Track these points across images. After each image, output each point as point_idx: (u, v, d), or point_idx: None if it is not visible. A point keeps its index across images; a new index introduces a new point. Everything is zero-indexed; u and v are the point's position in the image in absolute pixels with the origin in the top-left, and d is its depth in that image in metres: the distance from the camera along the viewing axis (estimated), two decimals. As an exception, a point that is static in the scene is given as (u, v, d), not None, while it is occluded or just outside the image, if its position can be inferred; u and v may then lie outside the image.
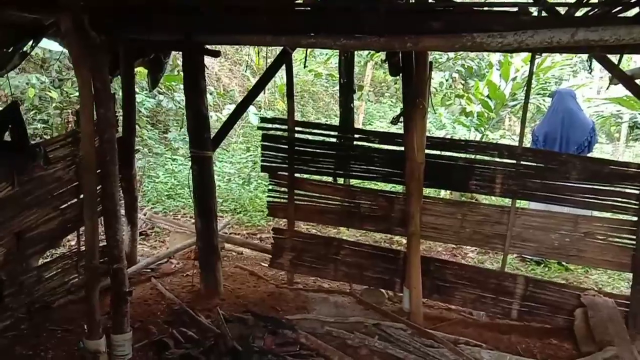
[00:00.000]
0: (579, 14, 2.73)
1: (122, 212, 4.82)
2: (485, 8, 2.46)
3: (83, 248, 3.77)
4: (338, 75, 4.83)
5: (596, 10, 2.50)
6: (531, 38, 2.26)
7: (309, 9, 2.72)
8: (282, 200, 4.54)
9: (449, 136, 8.34)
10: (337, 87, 4.99)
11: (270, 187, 4.60)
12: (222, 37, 3.04)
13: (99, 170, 3.26)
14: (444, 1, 2.46)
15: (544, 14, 3.49)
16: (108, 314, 3.42)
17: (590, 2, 2.44)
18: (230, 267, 5.10)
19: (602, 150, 11.16)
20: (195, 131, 4.19)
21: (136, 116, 8.24)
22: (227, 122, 4.46)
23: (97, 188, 3.27)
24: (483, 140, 7.90)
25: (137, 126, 8.22)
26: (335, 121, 4.68)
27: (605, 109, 9.68)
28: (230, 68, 11.49)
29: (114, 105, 4.33)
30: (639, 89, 3.61)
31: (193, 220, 4.57)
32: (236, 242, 5.52)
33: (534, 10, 2.46)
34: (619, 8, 2.36)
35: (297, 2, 2.71)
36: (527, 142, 6.07)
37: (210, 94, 9.44)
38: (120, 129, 4.51)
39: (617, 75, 3.56)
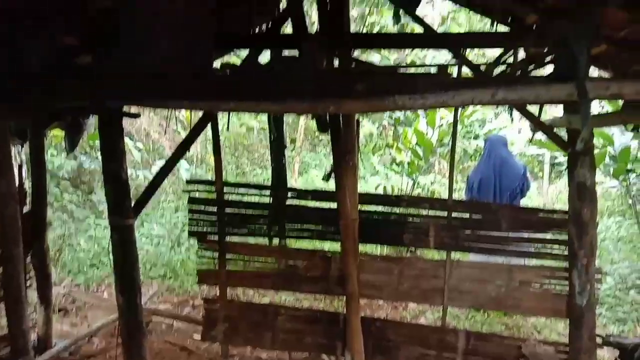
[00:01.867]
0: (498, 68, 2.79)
1: (34, 289, 4.40)
2: (407, 71, 2.45)
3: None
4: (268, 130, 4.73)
5: (515, 69, 2.55)
6: (452, 99, 2.25)
7: (228, 73, 2.61)
8: (212, 267, 4.28)
9: (383, 182, 8.42)
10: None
11: (199, 252, 4.33)
12: (136, 102, 2.85)
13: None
14: (365, 64, 2.44)
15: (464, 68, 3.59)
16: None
17: (507, 61, 2.49)
18: (159, 342, 4.70)
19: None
20: (115, 198, 3.87)
21: (56, 180, 7.82)
22: (151, 185, 4.17)
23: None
24: (415, 186, 8.05)
25: (57, 190, 7.75)
26: (270, 172, 4.55)
27: (528, 149, 10.19)
28: (160, 122, 11.18)
29: (20, 176, 3.99)
30: (559, 137, 3.73)
31: (116, 294, 4.19)
32: (164, 314, 5.14)
33: (453, 70, 2.47)
34: (535, 66, 2.43)
35: (215, 67, 2.58)
36: (462, 190, 6.17)
37: (139, 150, 9.07)
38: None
39: (537, 125, 3.67)
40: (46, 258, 4.34)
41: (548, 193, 11.25)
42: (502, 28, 3.95)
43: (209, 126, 4.20)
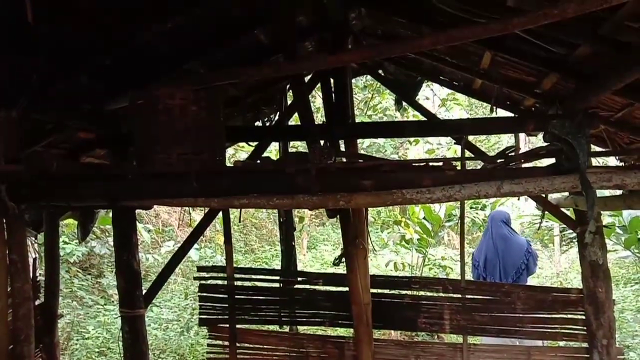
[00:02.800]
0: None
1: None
2: (413, 164, 2.54)
3: None
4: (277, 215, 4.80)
5: (518, 160, 2.64)
6: (458, 193, 2.32)
7: (239, 172, 2.71)
8: (223, 355, 4.20)
9: (392, 259, 8.35)
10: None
11: (209, 341, 4.27)
12: (150, 202, 2.94)
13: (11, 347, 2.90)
14: (372, 160, 2.55)
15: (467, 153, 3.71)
16: None
17: (509, 154, 2.59)
18: None
19: (540, 259, 11.51)
20: (126, 288, 3.90)
21: (66, 267, 7.82)
22: (161, 275, 4.20)
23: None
24: (425, 261, 7.98)
25: (66, 275, 7.74)
26: (279, 248, 4.56)
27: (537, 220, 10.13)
28: (179, 224, 11.30)
29: (35, 270, 4.03)
30: (567, 216, 3.77)
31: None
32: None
33: (457, 164, 2.56)
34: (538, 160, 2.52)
35: (227, 166, 2.69)
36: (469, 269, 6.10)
37: (148, 231, 9.13)
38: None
39: (544, 205, 3.72)
40: (56, 352, 4.27)
41: (560, 262, 11.10)
42: (502, 111, 4.11)
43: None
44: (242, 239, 12.07)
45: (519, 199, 4.82)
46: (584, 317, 3.71)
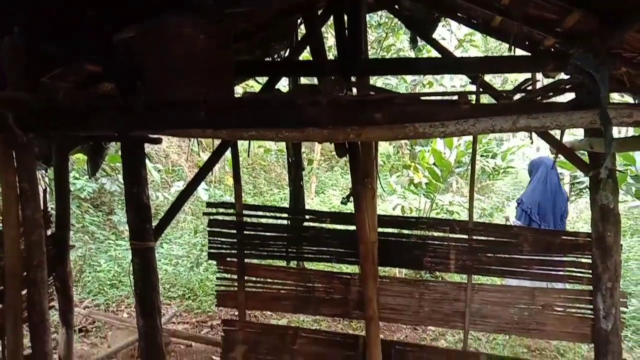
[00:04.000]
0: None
1: (56, 309, 4.46)
2: (426, 98, 2.46)
3: None
4: (286, 154, 4.77)
5: (535, 95, 2.55)
6: (473, 127, 2.26)
7: (248, 103, 2.65)
8: (232, 289, 4.29)
9: (400, 203, 8.37)
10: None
11: (218, 274, 4.36)
12: (160, 132, 2.91)
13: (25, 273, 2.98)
14: (385, 91, 2.47)
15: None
16: None
17: (528, 88, 2.49)
18: (179, 364, 4.72)
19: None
20: (136, 222, 3.93)
21: (77, 202, 7.94)
22: (171, 209, 4.23)
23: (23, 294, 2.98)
24: (433, 207, 7.99)
25: (78, 211, 7.87)
26: (288, 193, 4.57)
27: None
28: (179, 144, 11.34)
29: (45, 200, 4.07)
30: (581, 160, 3.70)
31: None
32: (183, 335, 5.14)
33: (473, 97, 2.47)
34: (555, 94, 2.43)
35: (236, 97, 2.63)
36: (508, 209, 6.18)
37: (158, 171, 9.19)
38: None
39: (559, 149, 3.65)
40: (69, 280, 4.40)
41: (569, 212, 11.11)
42: (520, 51, 3.96)
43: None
44: (250, 182, 12.14)
45: (532, 142, 4.72)
46: (590, 261, 3.71)
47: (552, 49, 3.73)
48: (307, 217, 4.33)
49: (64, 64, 3.30)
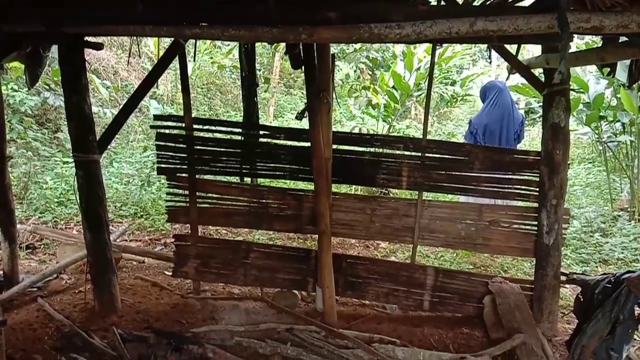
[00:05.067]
0: (476, 3, 2.68)
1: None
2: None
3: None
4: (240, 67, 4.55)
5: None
6: (430, 29, 2.16)
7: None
8: (183, 204, 4.21)
9: (358, 127, 8.34)
10: (242, 80, 4.73)
11: (169, 190, 4.25)
12: (93, 29, 2.67)
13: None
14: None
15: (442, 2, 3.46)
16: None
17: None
18: (130, 278, 4.68)
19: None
20: (78, 133, 3.74)
21: (19, 116, 7.50)
22: (116, 120, 4.02)
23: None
24: (390, 130, 7.99)
25: (20, 127, 7.45)
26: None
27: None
28: (128, 60, 10.74)
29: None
30: (536, 78, 3.69)
31: (84, 231, 4.11)
32: (134, 251, 5.09)
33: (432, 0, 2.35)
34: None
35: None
36: (460, 135, 6.21)
37: (107, 88, 8.75)
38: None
39: (515, 65, 3.61)
40: (8, 193, 4.20)
41: (521, 139, 11.38)
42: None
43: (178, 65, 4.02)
44: (206, 103, 11.78)
45: (490, 61, 4.66)
46: (537, 179, 3.81)
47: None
48: (261, 132, 4.21)
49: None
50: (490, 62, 11.40)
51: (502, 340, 3.56)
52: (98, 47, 3.80)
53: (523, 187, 3.88)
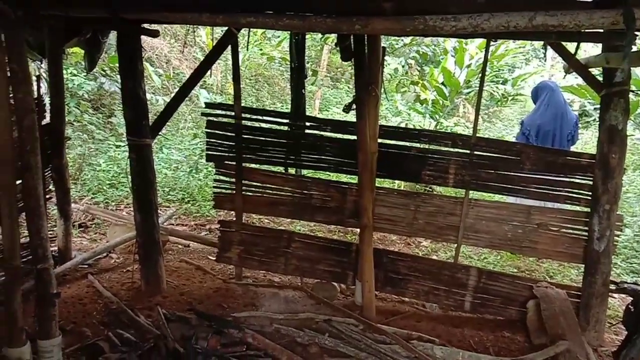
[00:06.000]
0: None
1: (54, 204, 4.49)
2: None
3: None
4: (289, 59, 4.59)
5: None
6: (486, 22, 2.10)
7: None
8: (229, 192, 4.29)
9: (404, 123, 8.25)
10: (291, 72, 4.77)
11: (216, 176, 4.34)
12: (151, 15, 2.74)
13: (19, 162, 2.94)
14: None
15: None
16: (36, 316, 3.11)
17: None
18: (175, 261, 4.83)
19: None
20: (133, 117, 3.88)
21: (76, 100, 7.82)
22: (168, 107, 4.15)
23: (18, 181, 2.96)
24: (437, 128, 7.86)
25: (77, 110, 7.77)
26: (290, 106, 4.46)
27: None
28: (181, 50, 11.01)
29: (39, 89, 3.97)
30: (594, 78, 3.55)
31: (134, 213, 4.26)
32: (180, 235, 5.23)
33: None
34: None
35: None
36: (511, 137, 6.09)
37: (159, 76, 9.00)
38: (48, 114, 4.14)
39: (573, 65, 3.48)
40: (65, 173, 4.39)
41: (574, 142, 10.99)
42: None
43: (229, 57, 4.07)
44: (253, 94, 11.92)
45: (545, 59, 4.51)
46: (591, 183, 3.67)
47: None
48: (307, 124, 4.23)
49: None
50: (545, 61, 11.01)
51: (544, 346, 3.48)
52: (154, 34, 3.91)
53: (575, 190, 3.76)
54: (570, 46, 3.73)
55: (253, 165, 4.32)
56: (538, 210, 3.89)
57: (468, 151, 3.84)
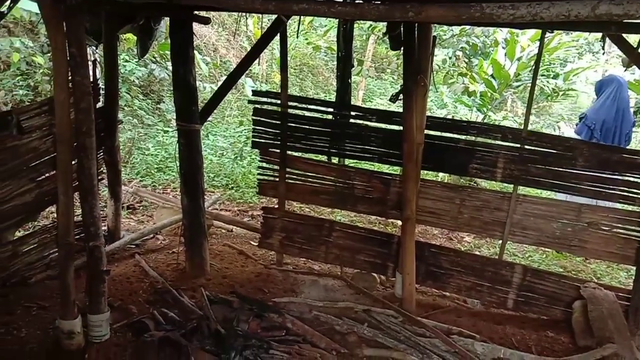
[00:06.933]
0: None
1: (105, 185, 4.66)
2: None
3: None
4: (336, 48, 4.57)
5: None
6: (546, 10, 2.03)
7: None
8: (273, 179, 4.34)
9: (450, 116, 8.10)
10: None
11: (260, 164, 4.39)
12: (204, 1, 2.78)
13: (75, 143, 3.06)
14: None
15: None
16: (86, 292, 3.25)
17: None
18: (219, 245, 4.93)
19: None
20: (183, 103, 3.96)
21: (127, 85, 8.06)
22: (217, 94, 4.22)
23: (73, 161, 3.08)
24: (485, 121, 7.68)
25: (128, 95, 8.01)
26: (334, 97, 4.45)
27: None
28: (228, 38, 11.15)
29: (94, 73, 4.10)
30: (656, 72, 3.37)
31: (181, 196, 4.37)
32: (224, 219, 5.33)
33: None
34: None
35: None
36: (569, 130, 5.95)
37: (207, 64, 9.14)
38: (102, 98, 4.29)
39: (634, 59, 3.32)
40: (117, 155, 4.55)
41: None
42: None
43: (275, 46, 4.10)
44: (297, 84, 11.96)
45: (604, 52, 4.33)
46: (647, 181, 3.51)
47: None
48: (352, 113, 4.21)
49: None
50: (604, 54, 10.56)
51: (590, 349, 3.38)
52: (206, 21, 3.97)
53: (629, 189, 3.60)
54: (631, 39, 3.56)
55: (297, 154, 4.34)
56: (589, 208, 3.76)
57: (518, 145, 3.73)
